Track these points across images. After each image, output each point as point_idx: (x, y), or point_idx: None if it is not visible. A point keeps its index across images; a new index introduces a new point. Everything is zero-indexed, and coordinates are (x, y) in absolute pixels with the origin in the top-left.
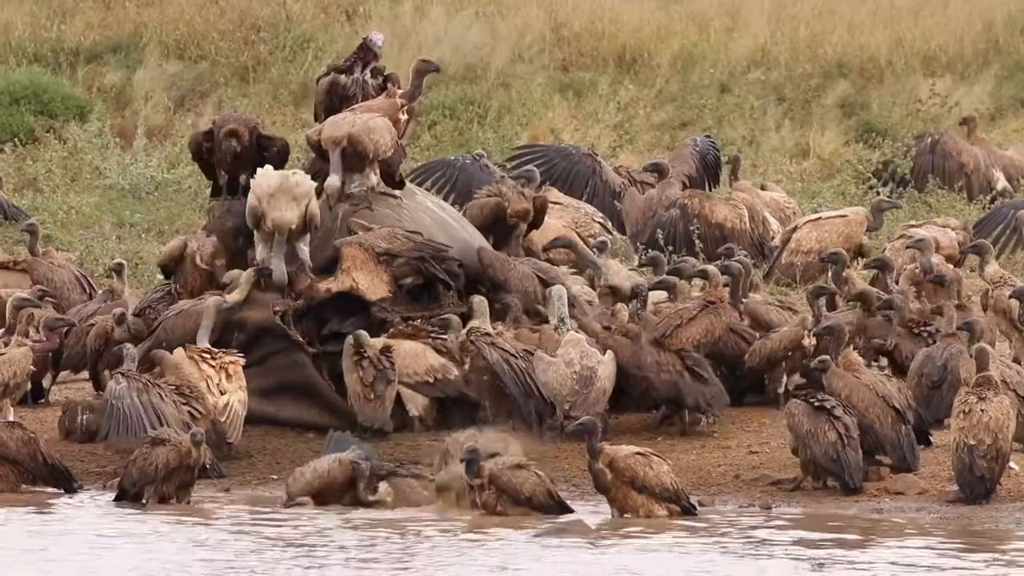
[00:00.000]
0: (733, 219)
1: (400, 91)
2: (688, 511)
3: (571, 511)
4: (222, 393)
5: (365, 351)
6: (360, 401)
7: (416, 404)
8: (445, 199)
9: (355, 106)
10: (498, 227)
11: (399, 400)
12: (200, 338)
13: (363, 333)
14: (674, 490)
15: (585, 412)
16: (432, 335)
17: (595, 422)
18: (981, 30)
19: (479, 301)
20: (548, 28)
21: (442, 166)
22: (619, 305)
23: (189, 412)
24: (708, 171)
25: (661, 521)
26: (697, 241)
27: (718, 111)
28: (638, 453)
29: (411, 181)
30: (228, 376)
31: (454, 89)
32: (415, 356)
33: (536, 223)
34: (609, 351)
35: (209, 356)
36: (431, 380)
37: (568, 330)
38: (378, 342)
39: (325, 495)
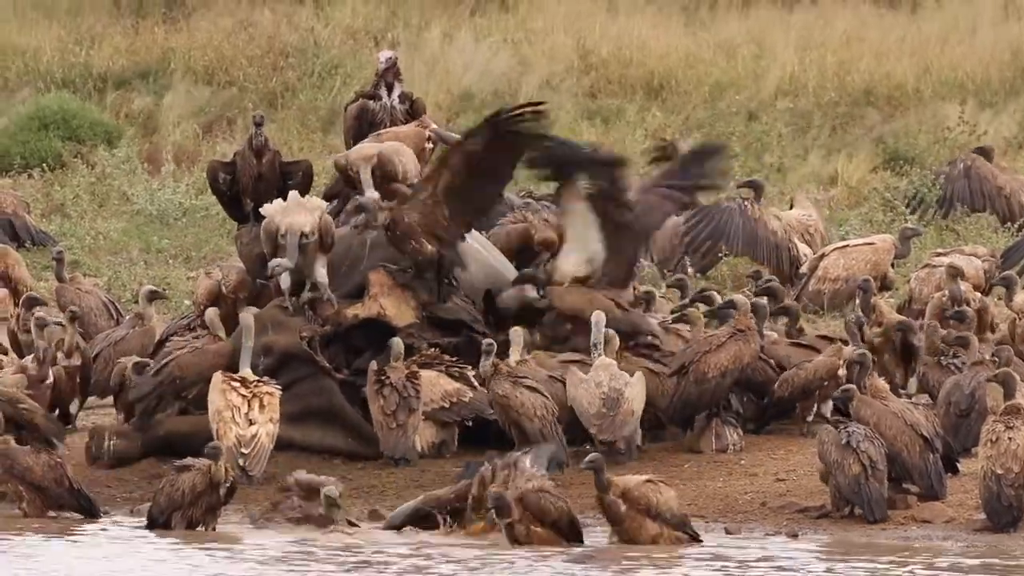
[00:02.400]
0: (781, 232)
1: (434, 126)
2: (693, 538)
3: (582, 541)
4: (250, 423)
5: (388, 378)
6: (383, 430)
7: (422, 437)
8: None
9: (382, 132)
10: (524, 253)
11: None
12: (243, 361)
13: (397, 341)
14: (680, 516)
15: (612, 434)
16: (445, 363)
17: (602, 459)
18: (1009, 58)
19: (515, 332)
20: (576, 55)
21: None
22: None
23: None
24: None
25: (687, 549)
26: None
27: (746, 138)
28: (647, 481)
29: None
30: (261, 406)
31: (482, 116)
32: (429, 383)
33: (557, 252)
34: (638, 372)
35: (241, 384)
36: (447, 405)
37: (600, 355)
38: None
39: None
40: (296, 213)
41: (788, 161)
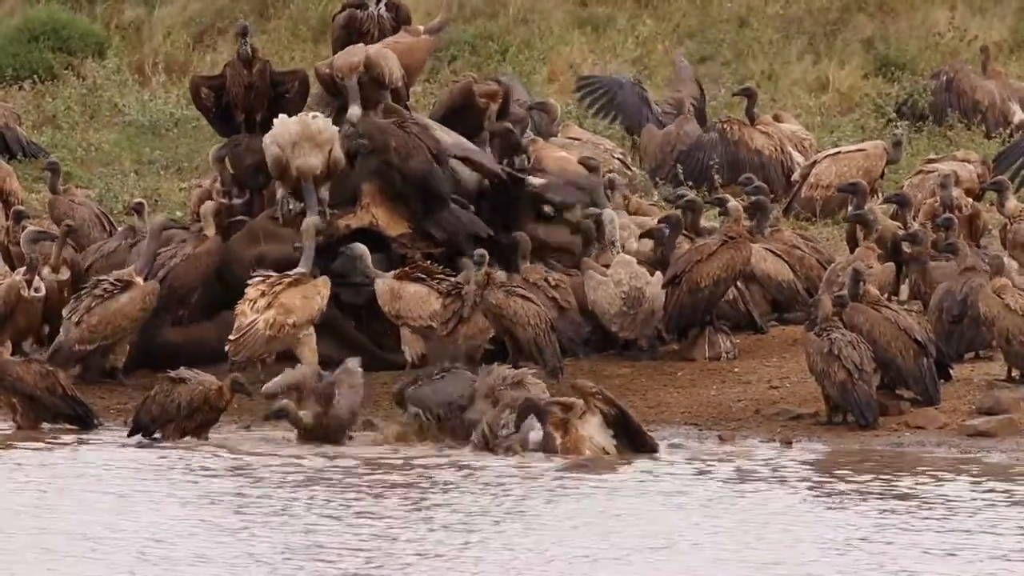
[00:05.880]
0: (770, 147)
1: (423, 27)
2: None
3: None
4: (257, 313)
5: (459, 287)
6: (435, 334)
7: (412, 348)
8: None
9: (388, 39)
10: (470, 112)
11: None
12: (303, 262)
13: (482, 252)
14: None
15: (633, 332)
16: (438, 277)
17: (535, 403)
18: None
19: (523, 239)
20: None
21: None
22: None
23: None
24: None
25: (680, 456)
26: (715, 175)
27: (737, 45)
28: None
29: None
30: (274, 296)
31: (474, 25)
32: (419, 300)
33: (504, 108)
34: (657, 273)
35: (263, 280)
36: (434, 324)
37: (618, 252)
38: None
39: None
40: (308, 153)
41: (778, 68)
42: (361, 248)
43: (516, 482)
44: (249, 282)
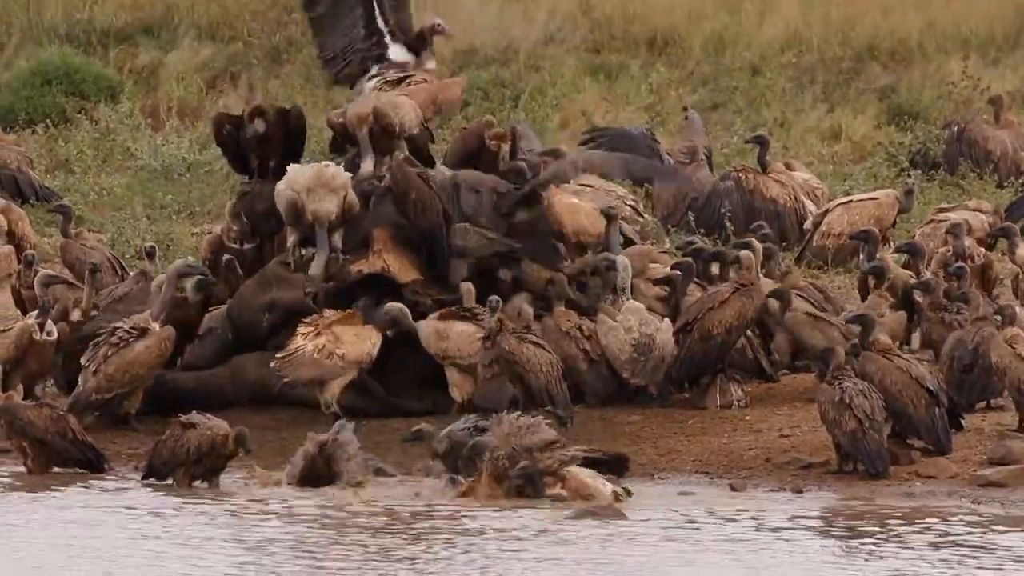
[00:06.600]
0: (784, 196)
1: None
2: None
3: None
4: (308, 340)
5: (499, 332)
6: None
7: (461, 390)
8: None
9: (411, 79)
10: (482, 155)
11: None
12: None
13: (496, 299)
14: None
15: (644, 379)
16: (481, 316)
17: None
18: (1012, 12)
19: (560, 280)
20: (579, 10)
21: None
22: None
23: None
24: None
25: (690, 504)
26: (728, 220)
27: (750, 93)
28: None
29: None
30: (330, 332)
31: (487, 71)
32: (467, 338)
33: (514, 149)
34: (666, 319)
35: (318, 316)
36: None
37: (628, 299)
38: (432, 325)
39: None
40: (323, 198)
41: (791, 116)
42: (399, 306)
43: (538, 530)
44: (303, 320)
